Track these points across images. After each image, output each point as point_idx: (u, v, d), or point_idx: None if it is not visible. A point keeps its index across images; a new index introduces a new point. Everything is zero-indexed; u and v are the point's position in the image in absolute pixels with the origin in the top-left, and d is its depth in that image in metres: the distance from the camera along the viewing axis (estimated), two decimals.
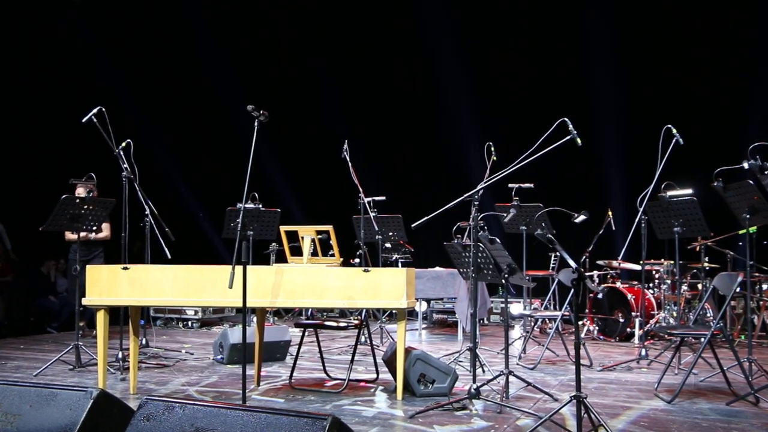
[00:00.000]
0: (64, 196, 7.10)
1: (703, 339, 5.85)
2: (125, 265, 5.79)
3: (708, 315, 8.85)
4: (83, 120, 6.76)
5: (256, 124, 5.13)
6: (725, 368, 5.96)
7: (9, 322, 10.49)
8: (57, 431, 3.41)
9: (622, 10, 11.54)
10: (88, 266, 5.86)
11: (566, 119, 5.23)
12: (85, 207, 7.17)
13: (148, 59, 13.10)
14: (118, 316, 7.52)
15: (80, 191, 8.20)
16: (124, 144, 7.06)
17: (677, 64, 11.36)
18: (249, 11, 13.56)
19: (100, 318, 5.75)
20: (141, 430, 3.29)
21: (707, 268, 8.90)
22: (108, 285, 5.72)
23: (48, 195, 7.53)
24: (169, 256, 6.92)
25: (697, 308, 7.71)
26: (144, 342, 8.25)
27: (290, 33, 13.51)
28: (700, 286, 9.19)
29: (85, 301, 5.79)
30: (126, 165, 7.00)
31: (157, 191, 8.59)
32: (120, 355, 6.97)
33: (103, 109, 6.81)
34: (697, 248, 8.88)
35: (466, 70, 12.58)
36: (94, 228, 7.60)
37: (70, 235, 8.45)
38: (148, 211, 7.23)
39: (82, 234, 7.79)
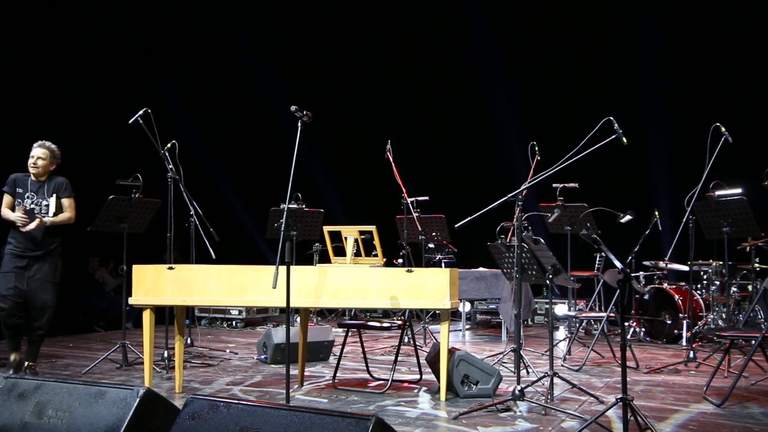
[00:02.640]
0: (111, 196, 7.20)
1: (754, 341, 5.72)
2: (170, 265, 5.85)
3: (759, 317, 8.66)
4: (130, 121, 6.85)
5: (299, 124, 5.14)
6: None
7: (58, 321, 10.68)
8: (105, 428, 3.46)
9: (668, 4, 11.36)
10: (134, 266, 5.91)
11: (611, 118, 5.17)
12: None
13: (194, 60, 13.24)
14: (164, 315, 7.61)
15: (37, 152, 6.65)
16: (169, 145, 7.12)
17: (726, 59, 11.13)
18: (292, 11, 13.63)
19: (146, 318, 5.81)
20: (186, 428, 3.32)
21: (758, 269, 8.70)
22: (154, 285, 5.78)
23: (95, 195, 7.63)
24: (214, 256, 6.98)
25: (747, 310, 7.55)
26: (189, 341, 8.34)
27: (334, 33, 13.55)
28: (750, 288, 8.98)
29: (131, 301, 5.87)
30: (171, 165, 7.07)
31: (202, 191, 8.67)
32: (165, 355, 7.06)
33: (149, 111, 6.88)
34: (747, 249, 8.68)
35: (510, 68, 12.49)
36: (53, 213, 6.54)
37: (8, 214, 6.56)
38: (192, 212, 7.29)
39: (26, 222, 6.41)
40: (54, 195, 6.63)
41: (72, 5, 11.40)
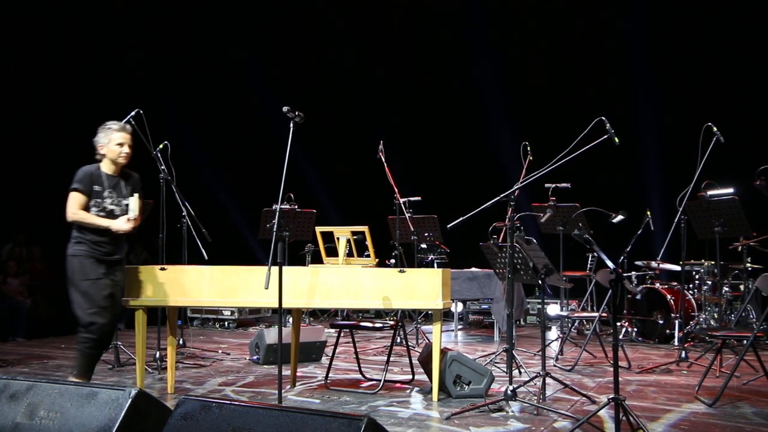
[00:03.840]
0: None
1: (745, 341, 5.74)
2: (163, 266, 5.84)
3: (750, 317, 8.68)
4: (122, 122, 6.81)
5: (291, 125, 5.14)
6: None
7: (49, 322, 10.64)
8: (96, 429, 3.45)
9: (660, 6, 11.39)
10: (126, 267, 5.85)
11: (603, 118, 5.18)
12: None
13: (186, 60, 13.21)
14: (156, 316, 7.58)
15: None
16: (161, 146, 7.11)
17: (718, 59, 11.17)
18: (286, 12, 13.62)
19: (139, 318, 5.80)
20: (178, 429, 3.31)
21: (749, 268, 8.72)
22: (146, 286, 5.77)
23: None
24: (206, 257, 6.96)
25: (739, 310, 7.57)
26: (181, 342, 8.33)
27: (327, 33, 13.56)
28: (742, 287, 9.01)
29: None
30: (163, 167, 7.05)
31: (194, 192, 8.64)
32: (158, 355, 7.04)
33: (141, 111, 6.86)
34: (739, 248, 8.69)
35: (502, 68, 12.50)
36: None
37: (92, 218, 5.39)
38: (185, 212, 7.28)
39: (125, 222, 5.33)
40: (135, 194, 5.48)
41: (65, 5, 11.36)
